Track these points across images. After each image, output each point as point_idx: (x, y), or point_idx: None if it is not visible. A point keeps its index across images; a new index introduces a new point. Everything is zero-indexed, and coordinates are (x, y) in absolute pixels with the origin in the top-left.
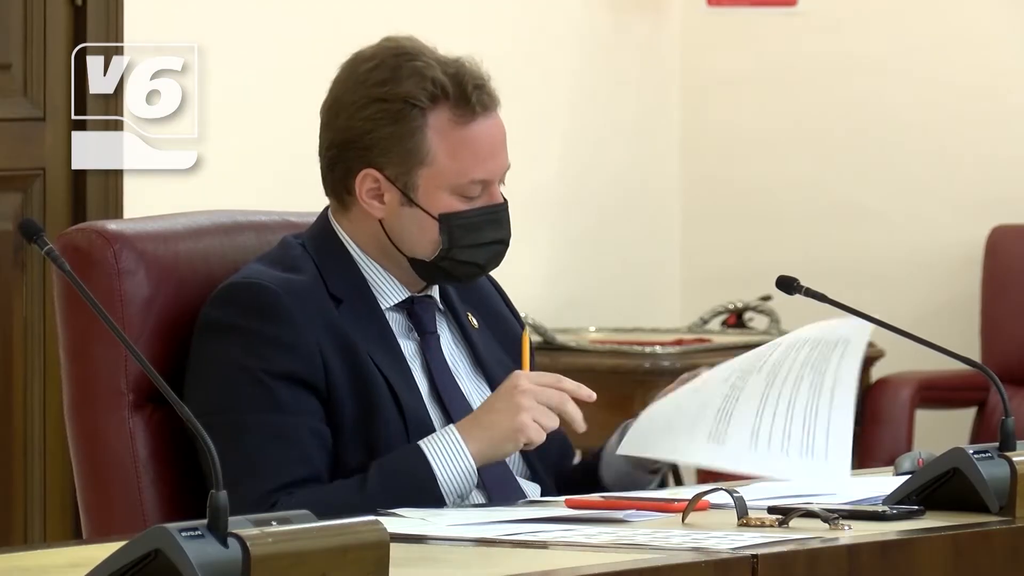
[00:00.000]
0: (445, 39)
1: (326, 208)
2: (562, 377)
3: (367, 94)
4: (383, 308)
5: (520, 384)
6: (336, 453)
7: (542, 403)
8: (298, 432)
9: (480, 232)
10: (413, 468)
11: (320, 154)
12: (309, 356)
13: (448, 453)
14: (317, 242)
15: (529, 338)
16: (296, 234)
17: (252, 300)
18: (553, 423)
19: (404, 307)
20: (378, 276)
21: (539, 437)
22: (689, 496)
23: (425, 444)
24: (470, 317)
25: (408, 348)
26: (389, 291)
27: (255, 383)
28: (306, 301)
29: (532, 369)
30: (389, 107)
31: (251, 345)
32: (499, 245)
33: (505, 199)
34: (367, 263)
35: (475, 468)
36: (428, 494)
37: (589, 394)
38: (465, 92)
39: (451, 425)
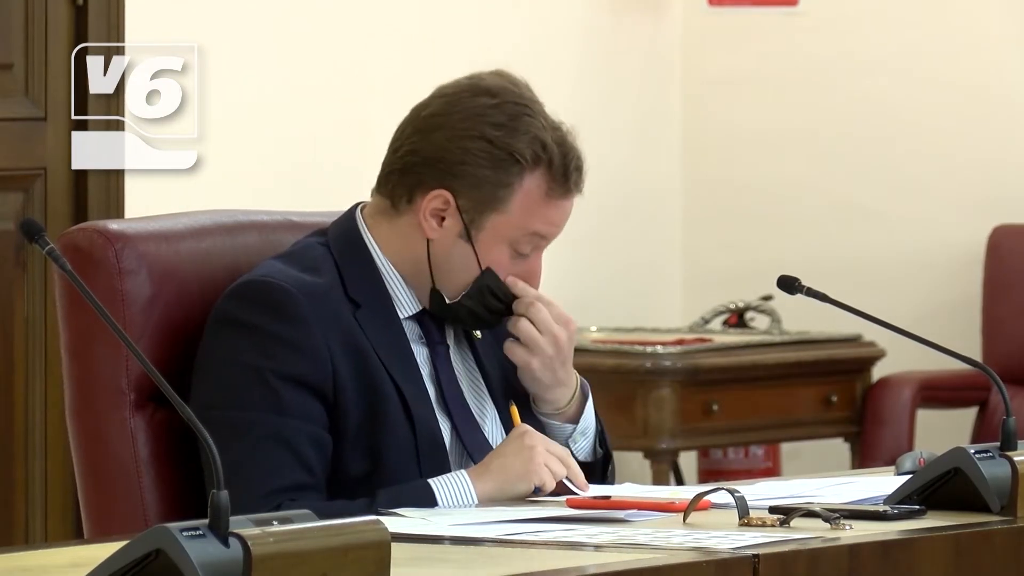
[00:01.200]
0: (447, 39)
1: (354, 207)
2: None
3: (478, 129)
4: (401, 317)
5: (528, 432)
6: (338, 459)
7: (551, 452)
8: (298, 437)
9: (500, 300)
10: (418, 501)
11: (394, 150)
12: (318, 359)
13: (454, 492)
14: (340, 243)
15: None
16: (320, 230)
17: (266, 298)
18: (562, 472)
19: (417, 316)
20: (398, 285)
21: (551, 482)
22: (690, 496)
23: (434, 481)
24: None
25: (419, 356)
26: (406, 301)
27: (261, 382)
28: (321, 303)
29: None
30: (495, 153)
31: (261, 344)
32: (501, 317)
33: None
34: (389, 271)
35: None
36: None
37: (583, 483)
38: (567, 170)
39: (463, 470)
